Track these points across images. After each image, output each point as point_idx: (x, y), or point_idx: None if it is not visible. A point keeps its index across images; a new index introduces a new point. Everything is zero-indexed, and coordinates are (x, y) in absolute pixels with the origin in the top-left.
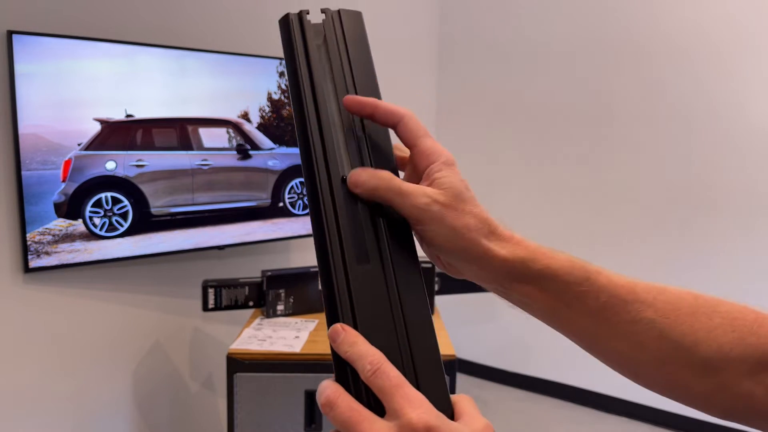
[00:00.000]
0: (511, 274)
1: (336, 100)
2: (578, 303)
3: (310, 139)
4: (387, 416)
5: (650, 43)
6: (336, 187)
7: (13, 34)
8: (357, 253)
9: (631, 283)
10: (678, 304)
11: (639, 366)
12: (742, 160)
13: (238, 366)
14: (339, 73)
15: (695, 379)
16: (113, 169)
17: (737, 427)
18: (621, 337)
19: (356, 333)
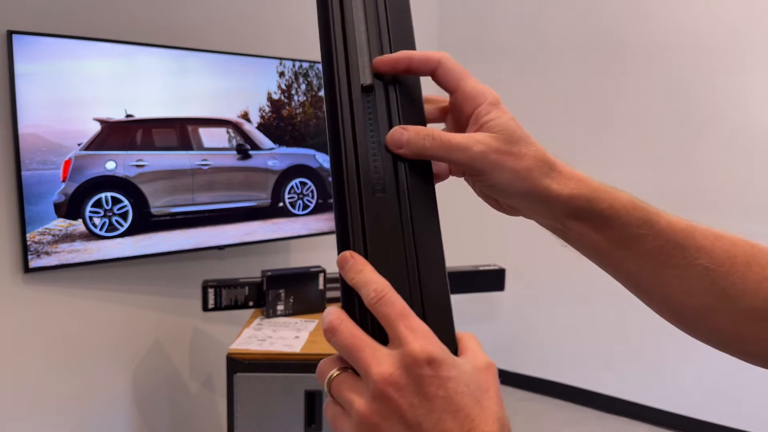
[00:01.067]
0: (573, 212)
1: (368, 51)
2: (635, 245)
3: (337, 96)
4: (390, 344)
5: (650, 43)
6: (359, 126)
7: (13, 34)
8: (373, 182)
9: (690, 227)
10: (734, 252)
11: (685, 312)
12: (746, 160)
13: (238, 366)
14: (373, 24)
15: (738, 329)
16: (113, 169)
17: (737, 427)
18: (672, 283)
19: (364, 261)
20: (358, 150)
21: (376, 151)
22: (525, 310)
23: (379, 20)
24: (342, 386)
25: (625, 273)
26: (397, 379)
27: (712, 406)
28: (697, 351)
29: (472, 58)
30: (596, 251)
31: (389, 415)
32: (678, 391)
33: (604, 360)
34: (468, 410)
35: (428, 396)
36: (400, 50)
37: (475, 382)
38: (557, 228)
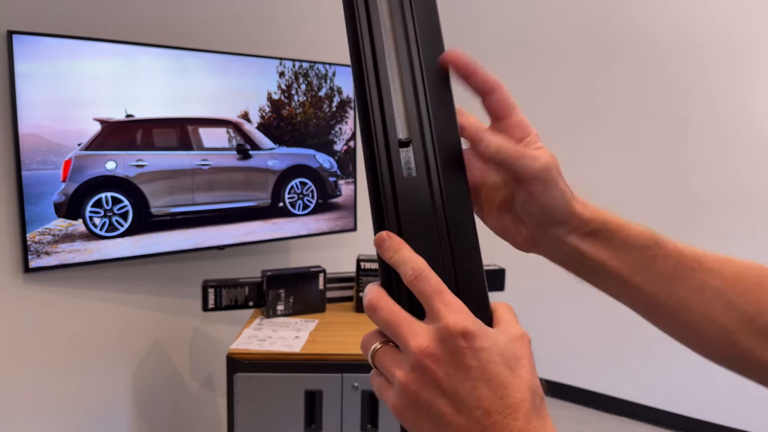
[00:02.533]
0: (591, 233)
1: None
2: (649, 269)
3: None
4: (426, 319)
5: (649, 43)
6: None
7: (14, 34)
8: (404, 164)
9: (698, 252)
10: (745, 273)
11: (707, 337)
12: (745, 160)
13: (238, 366)
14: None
15: (758, 348)
16: (113, 169)
17: (738, 427)
18: (689, 306)
19: (401, 240)
20: (389, 135)
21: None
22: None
23: (414, 73)
24: (384, 358)
25: (644, 301)
26: (434, 351)
27: (713, 406)
28: None
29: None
30: (614, 278)
31: (427, 384)
32: (678, 391)
33: (604, 360)
34: (501, 378)
35: (463, 366)
36: (437, 104)
37: (509, 352)
38: (575, 258)
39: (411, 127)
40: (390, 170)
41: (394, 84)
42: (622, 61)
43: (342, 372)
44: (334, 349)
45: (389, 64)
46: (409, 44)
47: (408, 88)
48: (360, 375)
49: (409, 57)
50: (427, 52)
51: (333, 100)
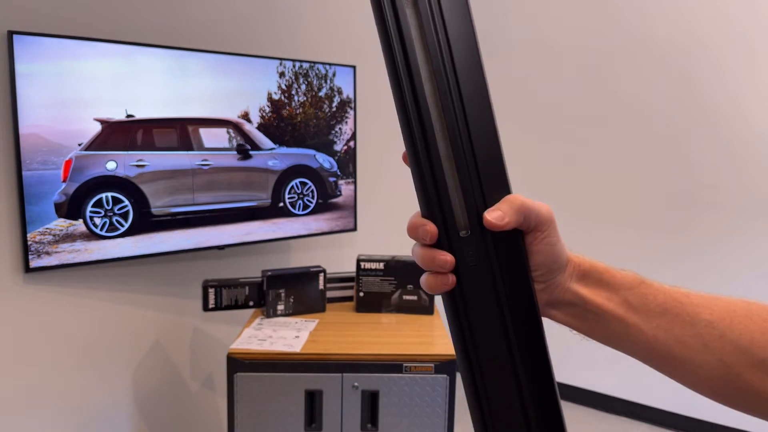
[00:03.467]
0: (583, 275)
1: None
2: (642, 306)
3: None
4: None
5: (649, 44)
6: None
7: (14, 35)
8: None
9: (683, 290)
10: (732, 308)
11: (707, 373)
12: (741, 160)
13: (239, 366)
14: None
15: (759, 381)
16: (114, 169)
17: (739, 427)
18: (685, 342)
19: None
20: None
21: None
22: None
23: (468, 167)
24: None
25: (645, 341)
26: None
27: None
28: None
29: None
30: (614, 320)
31: None
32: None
33: (604, 359)
34: None
35: None
36: (497, 199)
37: None
38: (578, 304)
39: (470, 218)
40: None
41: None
42: (623, 62)
43: (342, 372)
44: (334, 349)
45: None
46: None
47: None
48: (360, 375)
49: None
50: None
51: (333, 100)
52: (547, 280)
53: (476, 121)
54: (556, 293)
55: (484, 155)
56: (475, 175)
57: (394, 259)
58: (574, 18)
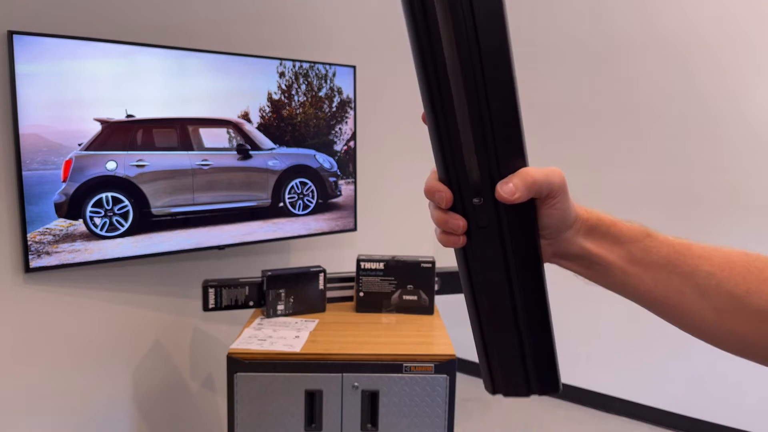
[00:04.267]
0: (590, 230)
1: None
2: (644, 258)
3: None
4: None
5: (649, 43)
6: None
7: (14, 35)
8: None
9: (687, 242)
10: (732, 259)
11: (701, 318)
12: (741, 159)
13: (239, 366)
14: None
15: (751, 329)
16: (114, 169)
17: (739, 426)
18: (684, 290)
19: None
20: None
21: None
22: None
23: (485, 134)
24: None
25: (644, 290)
26: None
27: (712, 406)
28: (697, 351)
29: None
30: (616, 271)
31: None
32: (678, 390)
33: (604, 359)
34: None
35: None
36: (513, 168)
37: None
38: (583, 256)
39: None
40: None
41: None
42: (622, 61)
43: (342, 372)
44: (334, 349)
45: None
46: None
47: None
48: (360, 375)
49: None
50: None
51: (333, 100)
52: (554, 237)
53: (496, 87)
54: (563, 247)
55: (502, 124)
56: (492, 143)
57: (394, 259)
58: (575, 17)
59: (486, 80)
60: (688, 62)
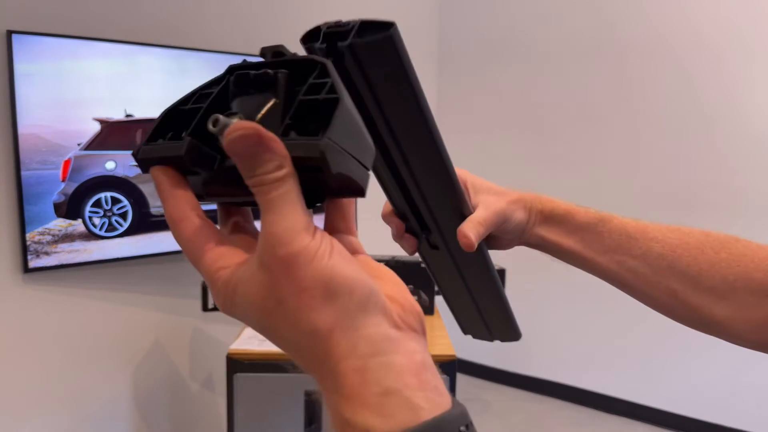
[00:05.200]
0: (546, 221)
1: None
2: (596, 243)
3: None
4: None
5: (649, 44)
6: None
7: (13, 34)
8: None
9: (642, 224)
10: (686, 240)
11: (656, 296)
12: (739, 160)
13: (238, 366)
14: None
15: (705, 307)
16: (113, 169)
17: (738, 427)
18: (639, 271)
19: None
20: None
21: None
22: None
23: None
24: None
25: (601, 271)
26: None
27: (712, 407)
28: (697, 351)
29: (472, 57)
30: (573, 255)
31: None
32: (678, 391)
33: (604, 360)
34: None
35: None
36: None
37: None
38: (540, 244)
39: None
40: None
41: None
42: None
43: None
44: None
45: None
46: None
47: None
48: None
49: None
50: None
51: None
52: (510, 238)
53: (421, 164)
54: (522, 239)
55: (432, 184)
56: (428, 201)
57: (394, 259)
58: (575, 17)
59: (407, 156)
60: (688, 63)
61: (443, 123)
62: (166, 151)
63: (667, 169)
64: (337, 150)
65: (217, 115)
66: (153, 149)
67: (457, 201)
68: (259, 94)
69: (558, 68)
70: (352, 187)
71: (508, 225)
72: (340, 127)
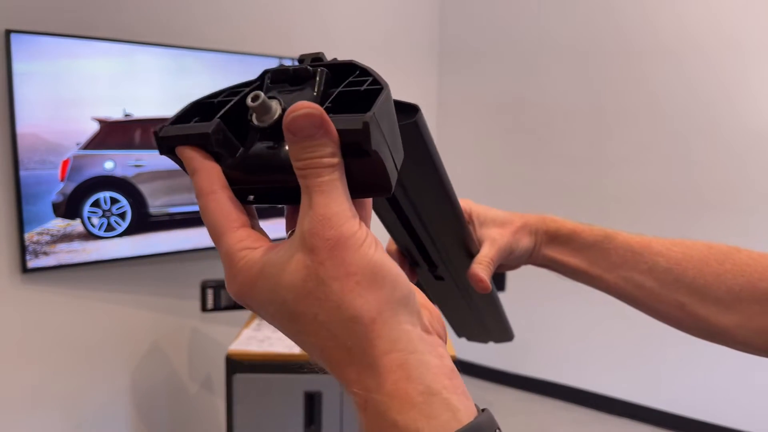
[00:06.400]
0: (552, 241)
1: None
2: (603, 260)
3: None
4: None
5: (648, 45)
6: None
7: (12, 33)
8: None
9: (645, 239)
10: (689, 253)
11: (665, 309)
12: (740, 159)
13: (238, 367)
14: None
15: (713, 318)
16: (112, 169)
17: (740, 427)
18: (645, 286)
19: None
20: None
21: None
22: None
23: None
24: None
25: (609, 287)
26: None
27: (713, 408)
28: (698, 352)
29: (473, 58)
30: (580, 273)
31: None
32: (679, 392)
33: (605, 361)
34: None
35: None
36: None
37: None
38: (547, 263)
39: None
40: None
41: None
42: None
43: None
44: None
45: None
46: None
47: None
48: None
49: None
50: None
51: None
52: (516, 263)
53: (434, 220)
54: (529, 261)
55: (442, 233)
56: (437, 245)
57: None
58: (576, 18)
59: (420, 210)
60: (689, 63)
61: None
62: (192, 129)
63: (668, 169)
64: (378, 130)
65: (259, 92)
66: (177, 128)
67: (465, 240)
68: (295, 89)
69: (558, 68)
70: (379, 183)
71: (515, 254)
72: (382, 110)
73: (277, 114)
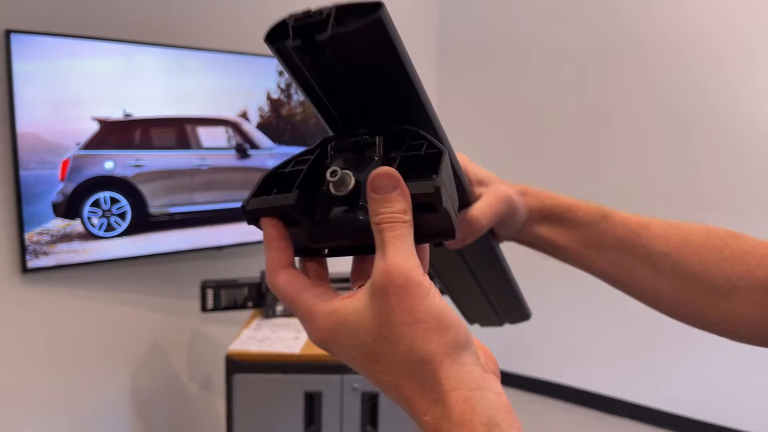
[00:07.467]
0: (544, 219)
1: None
2: (599, 242)
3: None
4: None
5: (648, 44)
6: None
7: (12, 33)
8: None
9: (644, 219)
10: (689, 237)
11: (659, 295)
12: (743, 159)
13: (237, 367)
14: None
15: (707, 306)
16: (111, 169)
17: (741, 428)
18: (640, 270)
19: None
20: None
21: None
22: None
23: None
24: None
25: (600, 270)
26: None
27: (713, 408)
28: (698, 352)
29: (473, 58)
30: (570, 253)
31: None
32: (680, 392)
33: (606, 361)
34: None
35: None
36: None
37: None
38: (535, 242)
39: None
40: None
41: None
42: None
43: (342, 373)
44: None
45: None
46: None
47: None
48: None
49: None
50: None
51: None
52: (505, 233)
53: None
54: (519, 236)
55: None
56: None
57: None
58: (576, 18)
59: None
60: (689, 63)
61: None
62: (276, 201)
63: (669, 169)
64: (445, 190)
65: (336, 168)
66: (262, 201)
67: (462, 189)
68: (358, 155)
69: (558, 68)
70: (443, 229)
71: (514, 218)
72: (445, 173)
73: (351, 185)
